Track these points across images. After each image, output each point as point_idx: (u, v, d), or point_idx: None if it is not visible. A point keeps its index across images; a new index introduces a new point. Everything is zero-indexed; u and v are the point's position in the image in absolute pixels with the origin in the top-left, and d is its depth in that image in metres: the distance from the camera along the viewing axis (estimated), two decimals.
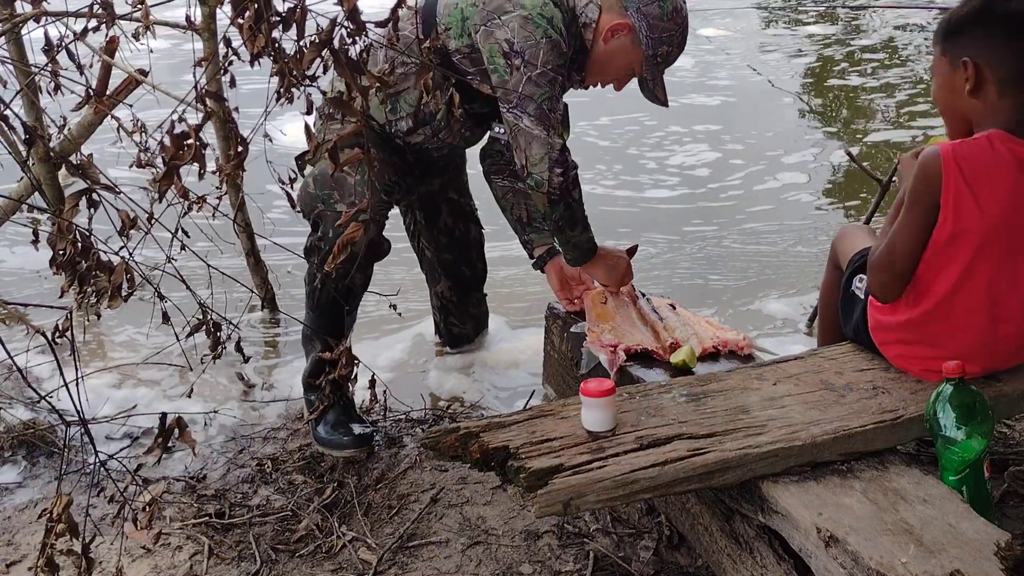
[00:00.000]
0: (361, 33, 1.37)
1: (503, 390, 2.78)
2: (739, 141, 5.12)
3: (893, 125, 5.39)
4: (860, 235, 2.19)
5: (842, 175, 4.68)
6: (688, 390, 1.90)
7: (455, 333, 2.98)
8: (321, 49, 1.36)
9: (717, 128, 5.29)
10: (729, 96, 5.98)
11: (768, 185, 4.54)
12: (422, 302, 3.25)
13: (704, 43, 7.28)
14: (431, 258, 2.85)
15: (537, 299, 3.24)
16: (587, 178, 4.54)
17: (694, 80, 6.25)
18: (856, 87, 6.16)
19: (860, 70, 6.57)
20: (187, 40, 2.39)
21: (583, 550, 2.04)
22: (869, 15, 8.29)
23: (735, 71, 6.53)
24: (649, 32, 2.27)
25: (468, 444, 1.69)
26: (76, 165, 1.56)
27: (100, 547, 2.09)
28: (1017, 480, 2.16)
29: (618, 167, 4.75)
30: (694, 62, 6.68)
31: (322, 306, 2.42)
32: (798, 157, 4.88)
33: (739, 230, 4.03)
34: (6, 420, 2.53)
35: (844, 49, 7.18)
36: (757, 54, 6.98)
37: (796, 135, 5.23)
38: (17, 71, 2.75)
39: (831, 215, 4.19)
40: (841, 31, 7.75)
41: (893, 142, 5.01)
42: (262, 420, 2.64)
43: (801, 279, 3.55)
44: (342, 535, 2.12)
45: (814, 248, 3.83)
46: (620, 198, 4.40)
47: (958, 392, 1.66)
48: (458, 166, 2.77)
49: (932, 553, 1.45)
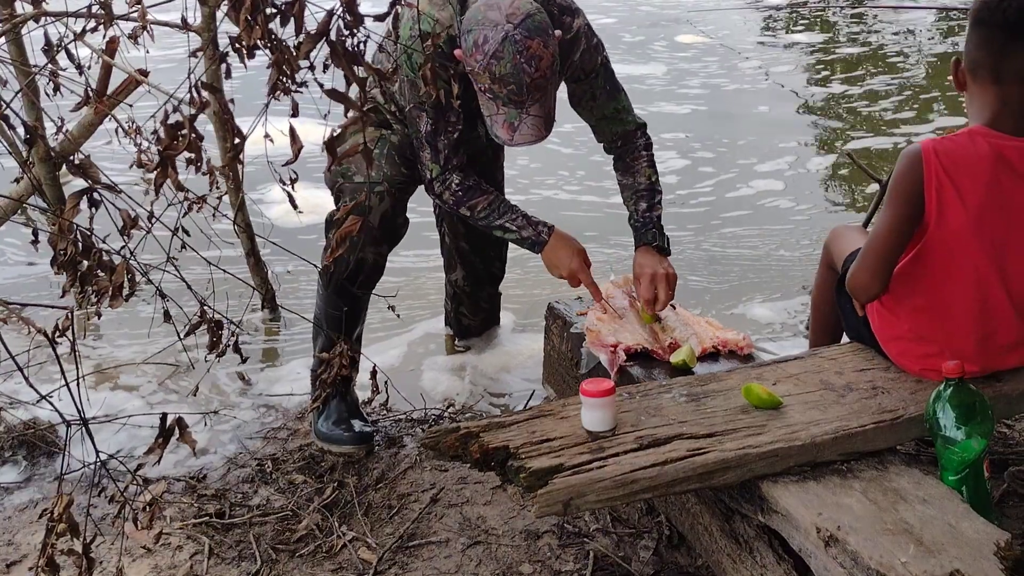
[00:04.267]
0: (359, 26, 1.36)
1: (498, 395, 2.77)
2: (710, 149, 5.02)
3: (874, 132, 5.32)
4: (853, 235, 2.20)
5: (823, 182, 4.61)
6: (688, 390, 1.90)
7: (464, 324, 3.00)
8: (317, 40, 1.35)
9: (686, 136, 5.18)
10: (700, 104, 5.84)
11: (741, 192, 4.47)
12: (421, 307, 3.26)
13: (680, 50, 7.15)
14: (450, 245, 2.86)
15: (537, 300, 3.24)
16: (548, 183, 4.52)
17: (663, 88, 6.12)
18: (838, 95, 6.08)
19: (842, 77, 6.49)
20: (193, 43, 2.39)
21: (583, 550, 2.04)
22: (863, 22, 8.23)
23: (708, 79, 6.38)
24: (466, 66, 2.16)
25: (468, 444, 1.69)
26: (76, 165, 1.56)
27: (100, 547, 2.09)
28: (1017, 480, 2.16)
29: (581, 173, 4.65)
30: (666, 69, 6.55)
31: (335, 283, 2.40)
32: (772, 165, 4.80)
33: (718, 234, 3.98)
34: (6, 420, 2.53)
35: (827, 57, 7.08)
36: (736, 62, 6.82)
37: (770, 144, 5.10)
38: (17, 71, 2.75)
39: (813, 220, 4.12)
40: (828, 40, 7.67)
41: (875, 149, 4.97)
42: (262, 420, 2.64)
43: (785, 283, 3.51)
44: (342, 535, 2.12)
45: (797, 252, 3.79)
46: (584, 203, 4.30)
47: (958, 392, 1.66)
48: (491, 160, 2.72)
49: (932, 553, 1.45)
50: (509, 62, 2.08)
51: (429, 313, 3.23)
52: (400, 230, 2.43)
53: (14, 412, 2.56)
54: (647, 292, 2.33)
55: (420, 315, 3.23)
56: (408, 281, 3.45)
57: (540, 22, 2.12)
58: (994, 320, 1.86)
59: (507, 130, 2.18)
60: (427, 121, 2.27)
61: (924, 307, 1.88)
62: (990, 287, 1.84)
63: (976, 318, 1.86)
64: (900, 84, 6.24)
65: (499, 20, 2.09)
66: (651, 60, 6.82)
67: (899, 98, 5.91)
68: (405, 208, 2.44)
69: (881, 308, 1.97)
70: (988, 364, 1.90)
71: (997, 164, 1.78)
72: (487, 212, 2.33)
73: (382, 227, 2.34)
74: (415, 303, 3.29)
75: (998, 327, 1.87)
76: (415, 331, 3.15)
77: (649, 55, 6.97)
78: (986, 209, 1.79)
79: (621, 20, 8.04)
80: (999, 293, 1.84)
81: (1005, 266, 1.83)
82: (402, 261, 3.49)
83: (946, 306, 1.86)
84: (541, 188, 4.44)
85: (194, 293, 1.70)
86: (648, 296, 2.33)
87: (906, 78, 6.40)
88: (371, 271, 2.40)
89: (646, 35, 7.53)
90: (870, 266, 1.88)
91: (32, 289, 3.47)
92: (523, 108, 2.15)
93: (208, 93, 1.42)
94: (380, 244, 2.38)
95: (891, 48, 7.29)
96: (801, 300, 3.33)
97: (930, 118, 5.53)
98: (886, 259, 1.87)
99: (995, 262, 1.83)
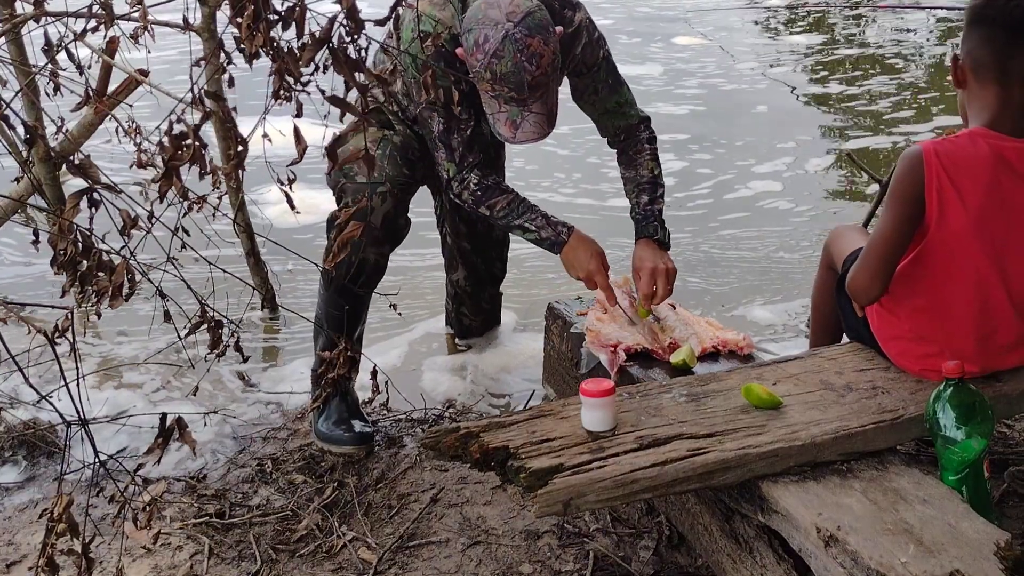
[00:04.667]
0: (360, 32, 1.36)
1: (499, 396, 2.76)
2: (707, 151, 5.01)
3: (873, 132, 5.31)
4: (854, 235, 2.20)
5: (821, 183, 4.60)
6: (688, 390, 1.90)
7: (465, 324, 3.00)
8: (320, 47, 1.35)
9: (684, 138, 5.15)
10: (698, 105, 5.83)
11: (740, 194, 4.46)
12: (419, 308, 3.25)
13: (677, 51, 7.14)
14: (451, 245, 2.86)
15: (537, 300, 3.24)
16: (544, 186, 4.50)
17: (660, 89, 6.11)
18: (836, 95, 6.07)
19: (840, 77, 6.48)
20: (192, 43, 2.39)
21: (583, 550, 2.04)
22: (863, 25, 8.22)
23: (705, 80, 6.36)
24: (469, 67, 2.17)
25: (468, 444, 1.69)
26: (76, 165, 1.56)
27: (100, 547, 2.09)
28: (1017, 480, 2.16)
29: (577, 175, 4.64)
30: (663, 70, 6.54)
31: (336, 283, 2.39)
32: (771, 166, 4.79)
33: (716, 236, 3.97)
34: (6, 420, 2.53)
35: (826, 58, 7.06)
36: (733, 63, 6.81)
37: (769, 144, 5.09)
38: (17, 71, 2.75)
39: (813, 222, 4.11)
40: (827, 41, 7.66)
41: (872, 149, 4.97)
42: (262, 420, 2.64)
43: (786, 285, 3.51)
44: (342, 535, 2.12)
45: (796, 254, 3.78)
46: (581, 206, 4.28)
47: (958, 392, 1.66)
48: (492, 159, 2.68)
49: (932, 553, 1.45)
50: (510, 60, 2.08)
51: (428, 313, 3.23)
52: (402, 230, 2.43)
53: (14, 412, 2.56)
54: (646, 287, 2.33)
55: (419, 315, 3.22)
56: (406, 280, 3.44)
57: (540, 20, 2.12)
58: (994, 320, 1.86)
59: (509, 128, 2.19)
60: (439, 121, 2.27)
61: (924, 307, 1.88)
62: (990, 287, 1.84)
63: (976, 318, 1.86)
64: (899, 84, 6.24)
65: (499, 19, 2.09)
66: (648, 61, 6.82)
67: (897, 98, 5.91)
68: (407, 208, 2.44)
69: (881, 309, 1.97)
70: (988, 364, 1.90)
71: (997, 165, 1.78)
72: (506, 212, 2.32)
73: (384, 227, 2.34)
74: (413, 303, 3.29)
75: (998, 327, 1.87)
76: (416, 331, 3.15)
77: (646, 56, 6.97)
78: (987, 210, 1.79)
79: (618, 21, 8.05)
80: (999, 293, 1.84)
81: (1005, 267, 1.83)
82: (401, 260, 3.49)
83: (946, 306, 1.86)
84: (537, 190, 4.42)
85: (193, 293, 1.70)
86: (647, 291, 2.33)
87: (904, 78, 6.40)
88: (373, 271, 2.40)
89: (643, 36, 7.54)
90: (871, 267, 1.88)
91: (29, 289, 3.48)
92: (525, 106, 2.16)
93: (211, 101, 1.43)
94: (382, 244, 2.38)
95: (889, 49, 7.28)
96: (802, 302, 3.32)
97: (929, 118, 5.53)
98: (887, 261, 1.87)
99: (996, 263, 1.83)
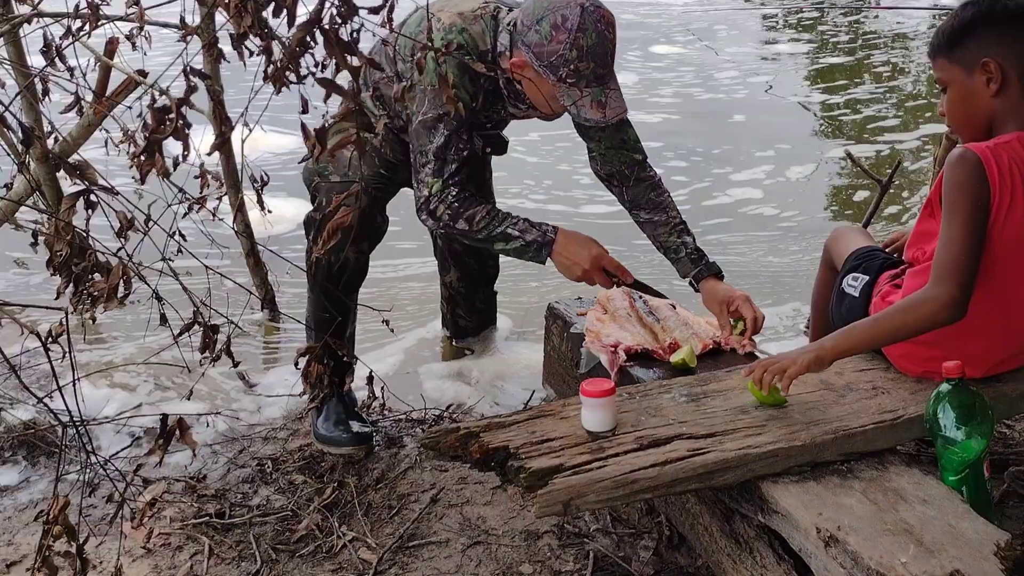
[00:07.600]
0: (352, 16, 1.35)
1: (494, 406, 2.74)
2: (682, 159, 4.97)
3: (853, 140, 5.27)
4: (854, 236, 2.19)
5: (807, 189, 4.57)
6: (688, 390, 1.90)
7: (460, 325, 3.00)
8: (310, 28, 1.33)
9: (658, 145, 5.00)
10: (672, 114, 5.77)
11: (718, 201, 4.43)
12: (403, 319, 3.24)
13: (654, 60, 7.08)
14: (443, 247, 2.87)
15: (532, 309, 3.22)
16: (513, 192, 4.45)
17: (634, 97, 5.98)
18: (819, 103, 6.04)
19: (823, 87, 6.44)
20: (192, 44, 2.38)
21: (583, 550, 2.04)
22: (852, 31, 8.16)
23: (681, 89, 6.30)
24: (539, 61, 2.16)
25: (468, 444, 1.69)
26: (74, 166, 1.56)
27: (100, 547, 2.09)
28: (1017, 480, 2.16)
29: (548, 182, 4.60)
30: (637, 79, 6.49)
31: (320, 284, 2.39)
32: (749, 174, 4.76)
33: (701, 242, 3.90)
34: (6, 420, 2.53)
35: (812, 67, 7.01)
36: (711, 72, 6.74)
37: (747, 152, 5.03)
38: (16, 72, 2.75)
39: (802, 226, 4.07)
40: (812, 48, 7.60)
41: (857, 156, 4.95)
42: (262, 420, 2.64)
43: (776, 289, 3.48)
44: (342, 535, 2.12)
45: (786, 258, 3.74)
46: (553, 212, 4.20)
47: (958, 392, 1.65)
48: (480, 162, 2.68)
49: (932, 553, 1.45)
50: (593, 32, 2.13)
51: (412, 323, 3.20)
52: (380, 228, 2.43)
53: (14, 412, 2.56)
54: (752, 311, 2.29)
55: (404, 325, 3.19)
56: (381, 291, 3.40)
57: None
58: (1013, 331, 1.83)
59: (598, 109, 2.20)
60: (442, 133, 2.23)
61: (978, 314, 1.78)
62: (1020, 298, 1.80)
63: (998, 328, 1.82)
64: (885, 91, 6.20)
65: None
66: (623, 70, 6.82)
67: (882, 105, 5.88)
68: (384, 208, 2.45)
69: None
70: (993, 371, 1.88)
71: None
72: (487, 221, 2.26)
73: (360, 223, 2.32)
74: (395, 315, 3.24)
75: (1014, 338, 1.84)
76: (407, 338, 3.12)
77: (621, 64, 6.96)
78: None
79: None
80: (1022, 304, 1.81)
81: None
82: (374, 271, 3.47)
83: (1002, 314, 1.81)
84: (506, 196, 4.35)
85: (189, 295, 1.70)
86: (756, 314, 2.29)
87: (892, 86, 6.36)
88: (354, 270, 2.41)
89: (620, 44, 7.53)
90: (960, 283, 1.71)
91: (23, 292, 3.48)
92: (604, 84, 2.19)
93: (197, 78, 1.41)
94: (359, 242, 2.37)
95: (878, 57, 7.24)
96: (793, 305, 3.31)
97: (915, 125, 5.50)
98: (973, 271, 1.73)
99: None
